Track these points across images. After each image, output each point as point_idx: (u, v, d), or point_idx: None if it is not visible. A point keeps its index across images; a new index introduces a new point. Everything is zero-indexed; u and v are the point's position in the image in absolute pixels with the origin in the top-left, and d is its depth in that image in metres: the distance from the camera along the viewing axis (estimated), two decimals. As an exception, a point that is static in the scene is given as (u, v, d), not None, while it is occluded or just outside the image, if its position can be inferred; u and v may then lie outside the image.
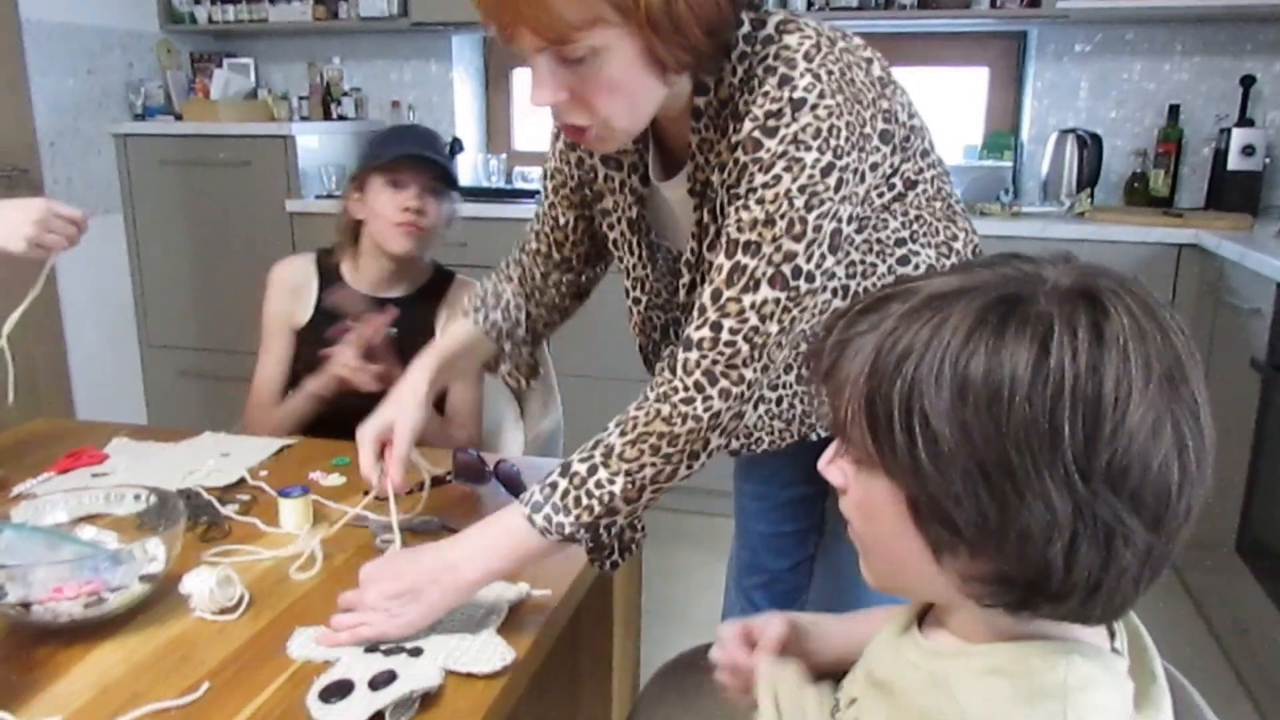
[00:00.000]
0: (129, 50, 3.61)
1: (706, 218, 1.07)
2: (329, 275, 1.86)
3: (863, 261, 1.09)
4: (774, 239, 0.96)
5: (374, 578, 1.02)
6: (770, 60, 0.98)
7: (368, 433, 1.20)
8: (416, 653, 0.97)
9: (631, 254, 1.22)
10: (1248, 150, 2.97)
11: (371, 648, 0.98)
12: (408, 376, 1.27)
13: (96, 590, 0.99)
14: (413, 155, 1.73)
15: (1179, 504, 0.60)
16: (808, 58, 0.97)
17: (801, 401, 1.17)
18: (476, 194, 3.30)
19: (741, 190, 0.98)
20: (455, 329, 1.37)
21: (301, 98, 3.74)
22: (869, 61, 1.01)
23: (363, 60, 3.80)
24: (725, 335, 0.98)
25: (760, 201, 0.97)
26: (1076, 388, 0.58)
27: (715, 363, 0.99)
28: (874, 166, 1.00)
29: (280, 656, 0.98)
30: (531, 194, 3.31)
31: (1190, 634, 2.50)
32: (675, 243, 1.21)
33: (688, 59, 0.95)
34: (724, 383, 0.99)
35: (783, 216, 0.96)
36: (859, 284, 1.10)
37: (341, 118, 3.69)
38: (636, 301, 1.26)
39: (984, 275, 0.64)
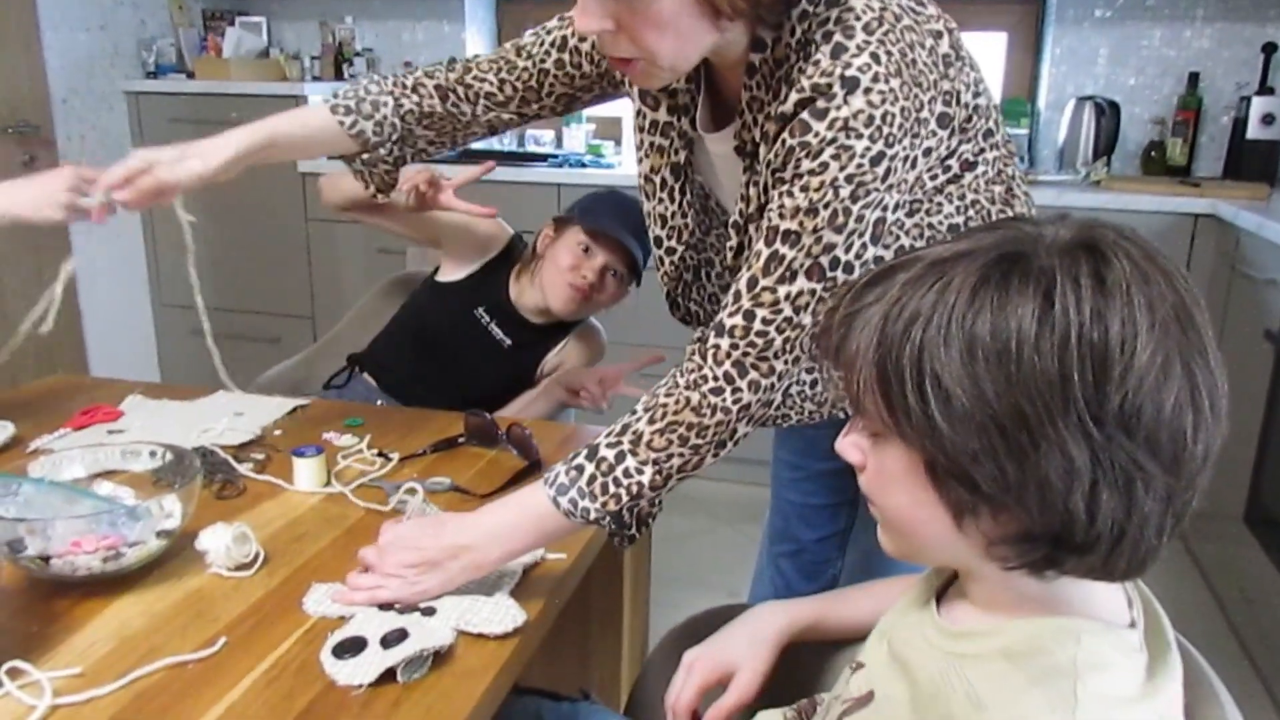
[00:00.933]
0: (141, 7, 3.59)
1: (754, 190, 1.04)
2: (499, 268, 1.87)
3: (913, 248, 1.05)
4: (814, 229, 0.93)
5: (395, 545, 1.02)
6: (830, 25, 0.92)
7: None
8: (430, 612, 0.98)
9: (672, 200, 1.17)
10: (1268, 119, 2.93)
11: (386, 606, 0.99)
12: (223, 136, 1.27)
13: (114, 545, 1.01)
14: (618, 238, 1.73)
15: (1195, 446, 0.60)
16: (868, 29, 0.91)
17: (836, 386, 1.15)
18: (485, 157, 3.28)
19: (787, 175, 0.94)
20: (312, 116, 1.31)
21: (313, 57, 3.71)
22: (937, 36, 0.95)
23: (375, 20, 3.77)
24: (758, 325, 0.96)
25: (805, 189, 0.93)
26: (1083, 335, 0.58)
27: (746, 354, 0.97)
28: (928, 152, 0.96)
29: (296, 612, 0.99)
30: (543, 158, 3.28)
31: (1196, 603, 2.51)
32: (717, 196, 1.18)
33: (744, 5, 0.91)
34: (754, 374, 0.98)
35: (826, 206, 0.92)
36: None
37: (353, 78, 3.67)
38: (670, 251, 1.21)
39: (984, 238, 0.65)
